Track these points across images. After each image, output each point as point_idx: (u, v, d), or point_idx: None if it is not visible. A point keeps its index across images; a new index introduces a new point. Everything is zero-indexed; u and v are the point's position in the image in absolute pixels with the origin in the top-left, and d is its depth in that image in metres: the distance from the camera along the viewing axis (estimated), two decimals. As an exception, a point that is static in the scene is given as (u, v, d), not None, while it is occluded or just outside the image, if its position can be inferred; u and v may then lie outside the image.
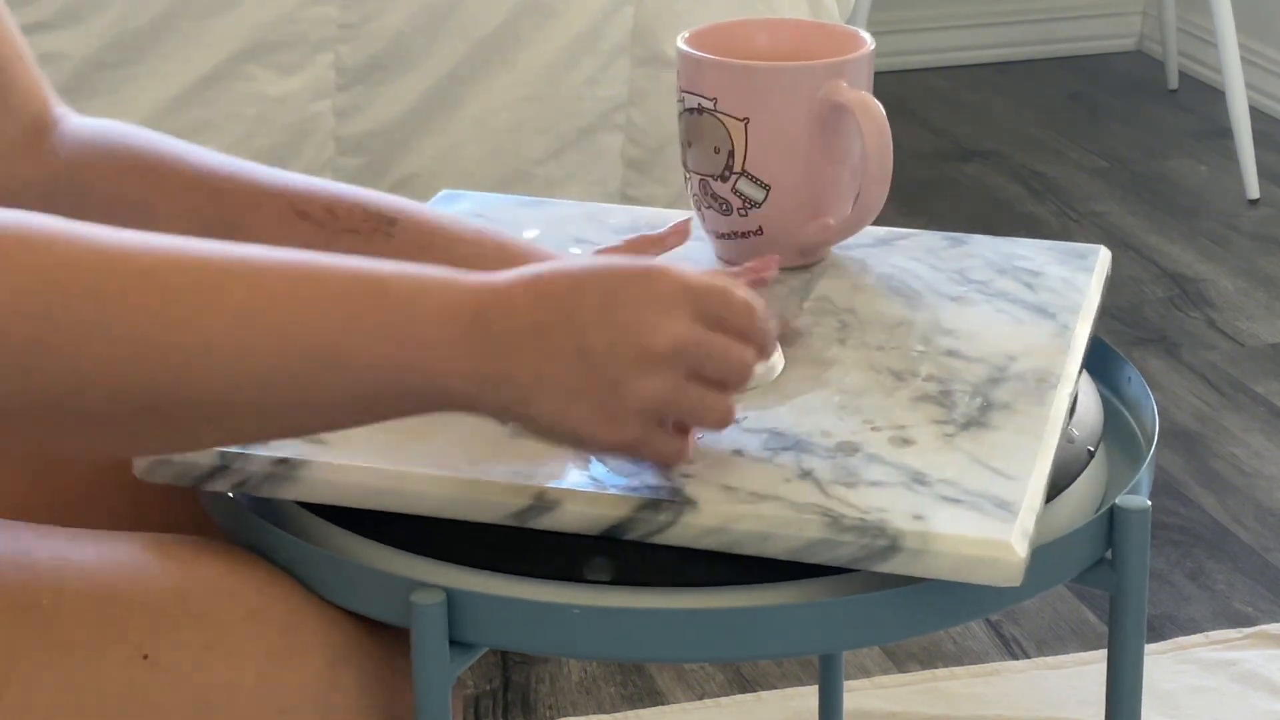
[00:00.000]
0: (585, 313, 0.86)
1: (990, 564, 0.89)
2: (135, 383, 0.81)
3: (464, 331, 0.84)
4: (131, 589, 0.93)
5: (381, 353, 0.83)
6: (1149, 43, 3.82)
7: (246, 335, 0.82)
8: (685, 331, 0.87)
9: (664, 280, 0.87)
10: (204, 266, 0.83)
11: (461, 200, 1.29)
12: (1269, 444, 2.34)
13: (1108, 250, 1.21)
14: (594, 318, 0.86)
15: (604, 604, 0.92)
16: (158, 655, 0.91)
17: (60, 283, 0.79)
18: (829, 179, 1.16)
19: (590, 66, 2.01)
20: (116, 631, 0.91)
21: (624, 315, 0.86)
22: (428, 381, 0.85)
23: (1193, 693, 1.85)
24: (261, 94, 1.96)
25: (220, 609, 0.94)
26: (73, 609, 0.91)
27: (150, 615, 0.92)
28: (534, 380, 0.85)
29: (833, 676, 1.46)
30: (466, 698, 1.85)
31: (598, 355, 0.86)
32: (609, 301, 0.86)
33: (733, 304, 0.89)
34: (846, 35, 1.19)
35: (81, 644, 0.90)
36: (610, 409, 0.87)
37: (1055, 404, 1.01)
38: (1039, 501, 0.93)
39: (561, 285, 0.86)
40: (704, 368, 0.88)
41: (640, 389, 0.87)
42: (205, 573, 0.95)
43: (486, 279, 0.86)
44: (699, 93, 1.15)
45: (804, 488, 0.93)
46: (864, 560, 0.90)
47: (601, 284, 0.86)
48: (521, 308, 0.85)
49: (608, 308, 0.86)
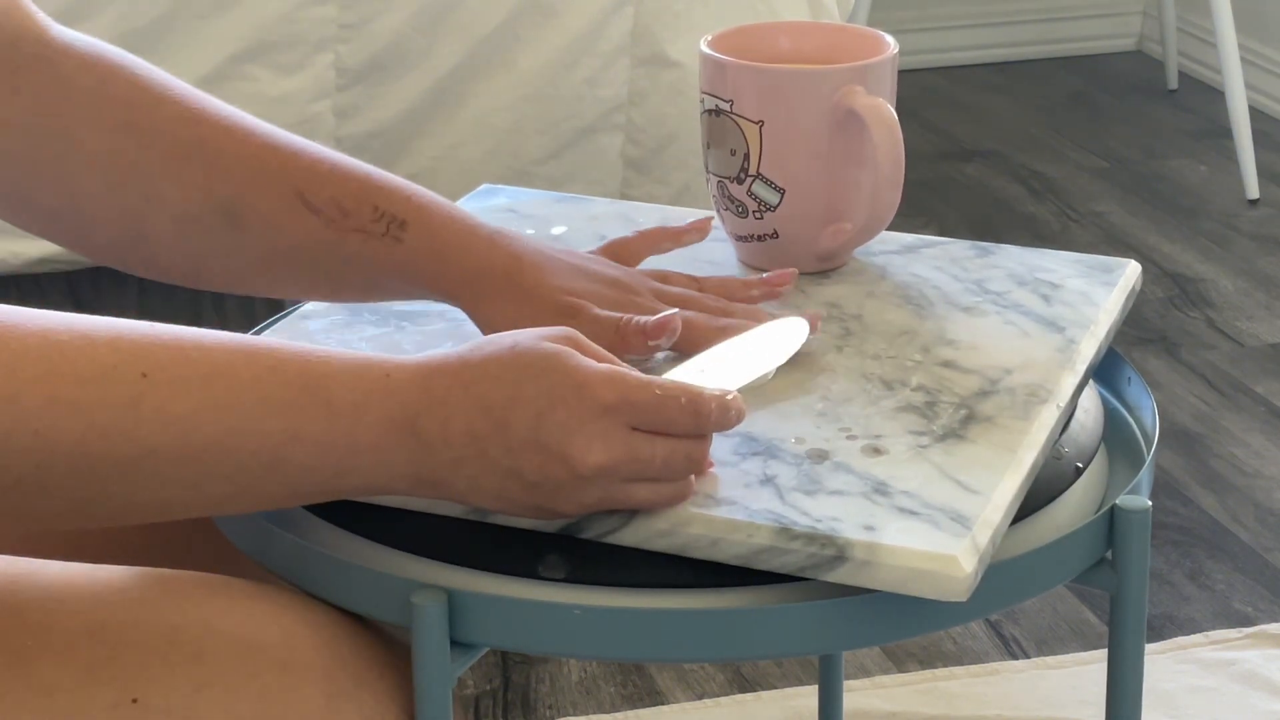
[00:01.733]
0: (518, 430, 0.87)
1: (935, 578, 0.88)
2: (70, 485, 0.84)
3: (401, 442, 0.88)
4: (121, 628, 0.91)
5: (321, 463, 0.88)
6: (1149, 43, 3.82)
7: (188, 450, 0.85)
8: (618, 452, 0.88)
9: (601, 392, 0.88)
10: (148, 376, 0.84)
11: (498, 195, 1.29)
12: (1269, 444, 2.34)
13: (1137, 265, 1.19)
14: (526, 437, 0.88)
15: (604, 604, 0.92)
16: (147, 698, 0.89)
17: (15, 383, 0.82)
18: (845, 184, 1.15)
19: (590, 66, 2.02)
20: (104, 674, 0.89)
21: (554, 438, 0.87)
22: (365, 484, 0.89)
23: (1193, 693, 1.85)
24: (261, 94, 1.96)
25: (213, 648, 0.91)
26: (58, 650, 0.89)
27: (140, 656, 0.90)
28: (469, 488, 0.89)
29: (833, 676, 1.46)
30: (466, 698, 1.85)
31: (529, 477, 0.88)
32: (541, 422, 0.87)
33: (670, 412, 0.89)
34: (870, 39, 1.18)
35: (66, 687, 0.88)
36: (550, 513, 0.90)
37: (1040, 419, 1.00)
38: (1000, 517, 0.92)
39: (498, 396, 0.88)
40: (642, 475, 0.90)
41: (573, 504, 0.90)
42: (200, 611, 0.93)
43: (426, 383, 0.88)
44: (717, 94, 1.15)
45: (763, 494, 0.93)
46: (811, 569, 0.90)
47: (537, 399, 0.87)
48: (457, 417, 0.88)
49: (540, 427, 0.87)
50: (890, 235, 1.21)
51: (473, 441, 0.88)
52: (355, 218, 1.05)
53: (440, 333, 1.10)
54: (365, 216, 1.05)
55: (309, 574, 0.96)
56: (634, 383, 0.88)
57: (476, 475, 0.89)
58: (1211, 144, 3.35)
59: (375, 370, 0.88)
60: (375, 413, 0.87)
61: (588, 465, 0.88)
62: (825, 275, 1.18)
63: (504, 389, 0.87)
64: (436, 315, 1.12)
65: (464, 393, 0.88)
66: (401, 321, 1.11)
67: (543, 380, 0.87)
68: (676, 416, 0.89)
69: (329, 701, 0.92)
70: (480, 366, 0.88)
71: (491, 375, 0.88)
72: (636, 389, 0.88)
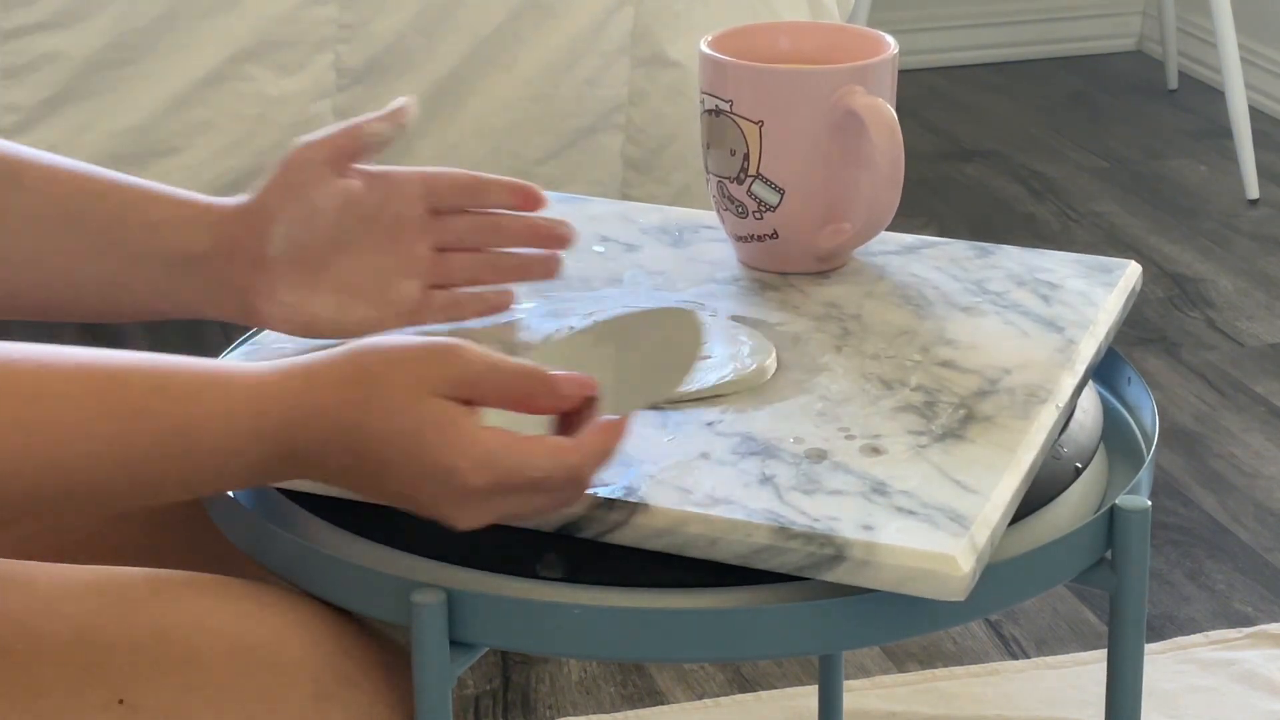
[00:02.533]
0: (392, 487, 0.88)
1: (933, 577, 0.88)
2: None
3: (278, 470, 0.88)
4: (110, 630, 0.91)
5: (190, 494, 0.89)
6: (1149, 43, 3.82)
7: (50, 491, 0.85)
8: (491, 518, 0.88)
9: (471, 479, 0.86)
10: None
11: None
12: (1269, 444, 2.34)
13: (1137, 265, 1.19)
14: (401, 493, 0.88)
15: (604, 604, 0.92)
16: (136, 700, 0.89)
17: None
18: (845, 184, 1.15)
19: (590, 66, 2.02)
20: (93, 675, 0.89)
21: (425, 504, 0.88)
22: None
23: (1193, 693, 1.85)
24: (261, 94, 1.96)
25: (203, 650, 0.91)
26: (48, 651, 0.89)
27: (129, 658, 0.90)
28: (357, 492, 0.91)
29: (833, 676, 1.46)
30: (466, 698, 1.85)
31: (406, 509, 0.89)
32: (412, 490, 0.87)
33: (550, 487, 0.88)
34: (870, 39, 1.18)
35: (55, 688, 0.88)
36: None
37: (1039, 419, 1.00)
38: (998, 517, 0.92)
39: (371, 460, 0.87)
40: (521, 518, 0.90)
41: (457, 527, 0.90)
42: (189, 611, 0.93)
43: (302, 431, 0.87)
44: (717, 94, 1.15)
45: (761, 493, 0.93)
46: (809, 568, 0.90)
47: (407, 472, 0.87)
48: (333, 460, 0.87)
49: (411, 492, 0.87)
50: (890, 235, 1.21)
51: (347, 476, 0.89)
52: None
53: (439, 332, 1.10)
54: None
55: (309, 574, 0.96)
56: (507, 465, 0.86)
57: (356, 491, 0.91)
58: (1211, 144, 3.35)
59: (247, 411, 0.87)
60: (248, 456, 0.87)
61: (459, 523, 0.88)
62: (825, 275, 1.18)
63: (376, 451, 0.87)
64: (436, 315, 1.12)
65: (341, 439, 0.87)
66: (401, 321, 1.11)
67: (415, 459, 0.86)
68: (553, 487, 0.88)
69: (317, 703, 0.92)
70: (358, 413, 0.86)
71: (368, 432, 0.86)
72: (509, 472, 0.86)
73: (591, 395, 0.90)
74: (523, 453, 0.86)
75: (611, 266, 1.19)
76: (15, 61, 1.90)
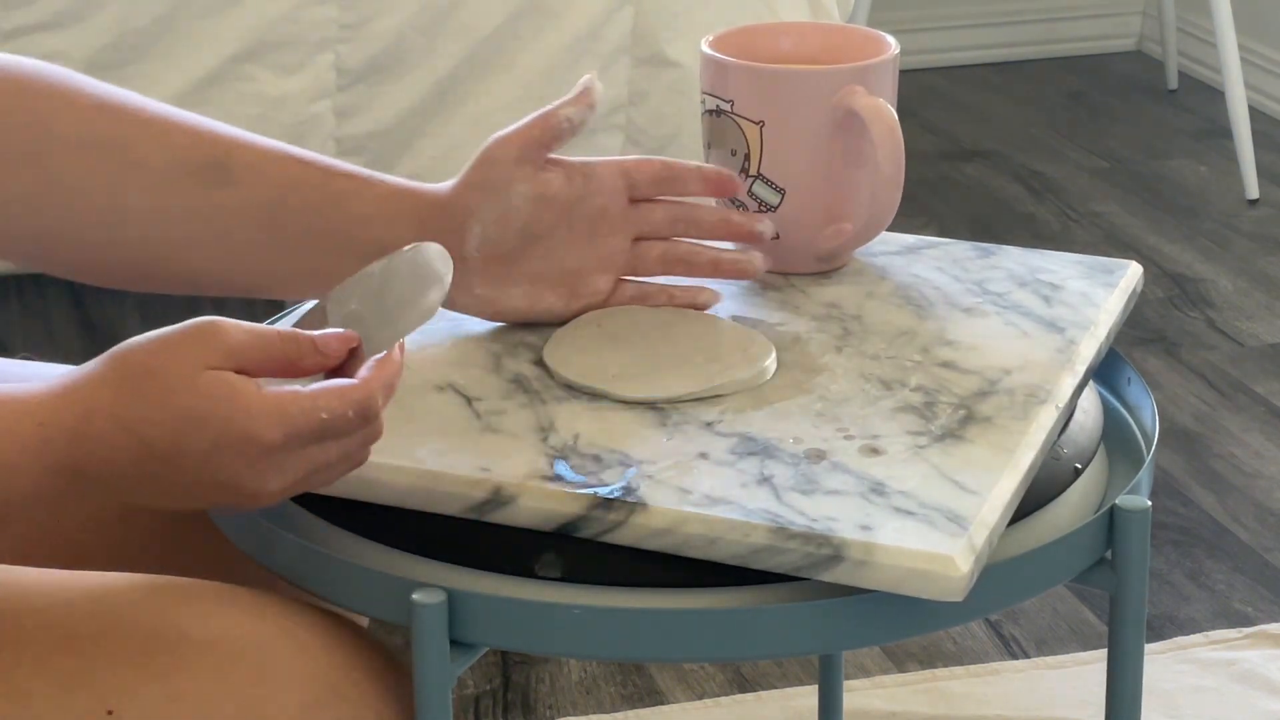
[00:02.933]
0: (188, 470, 0.86)
1: (931, 578, 0.88)
2: None
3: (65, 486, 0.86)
4: (96, 637, 0.90)
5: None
6: (1149, 43, 3.82)
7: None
8: (294, 475, 0.87)
9: (266, 435, 0.85)
10: None
11: None
12: (1269, 444, 2.34)
13: (1138, 266, 1.19)
14: (197, 477, 0.86)
15: (604, 604, 0.92)
16: (122, 707, 0.89)
17: None
18: (846, 184, 1.15)
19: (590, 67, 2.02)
20: (79, 682, 0.89)
21: (227, 477, 0.86)
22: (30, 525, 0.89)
23: (1193, 693, 1.85)
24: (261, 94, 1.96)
25: (189, 657, 0.91)
26: (34, 658, 0.89)
27: (115, 665, 0.90)
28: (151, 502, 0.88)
29: (833, 676, 1.46)
30: (466, 698, 1.85)
31: (209, 500, 0.88)
32: (209, 464, 0.86)
33: (338, 426, 0.87)
34: (871, 39, 1.18)
35: (41, 695, 0.88)
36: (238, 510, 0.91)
37: (1038, 420, 1.00)
38: (997, 517, 0.92)
39: (162, 443, 0.85)
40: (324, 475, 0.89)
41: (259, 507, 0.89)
42: (176, 618, 0.93)
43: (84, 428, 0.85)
44: (718, 95, 1.15)
45: (759, 493, 0.93)
46: (808, 568, 0.90)
47: (201, 448, 0.85)
48: (121, 457, 0.85)
49: (210, 469, 0.86)
50: (891, 236, 1.21)
51: (142, 476, 0.86)
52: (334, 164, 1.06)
53: (439, 332, 1.10)
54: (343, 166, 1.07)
55: (309, 574, 0.96)
56: (296, 413, 0.86)
57: (155, 496, 0.88)
58: (1211, 144, 3.35)
59: (26, 422, 0.85)
60: (31, 469, 0.85)
61: (265, 495, 0.87)
62: (825, 276, 1.18)
63: (166, 436, 0.85)
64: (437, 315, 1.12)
65: (126, 435, 0.85)
66: (401, 321, 1.11)
67: (206, 430, 0.85)
68: (347, 427, 0.87)
69: (305, 711, 0.92)
70: (137, 405, 0.85)
71: (152, 420, 0.85)
72: (301, 419, 0.86)
73: (354, 346, 0.91)
74: (309, 398, 0.86)
75: (611, 266, 1.19)
76: (15, 61, 1.90)
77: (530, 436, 0.98)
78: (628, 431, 0.99)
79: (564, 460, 0.96)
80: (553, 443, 0.98)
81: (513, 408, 1.01)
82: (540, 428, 0.99)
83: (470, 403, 1.02)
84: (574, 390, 1.03)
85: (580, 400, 1.02)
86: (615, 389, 1.02)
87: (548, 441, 0.98)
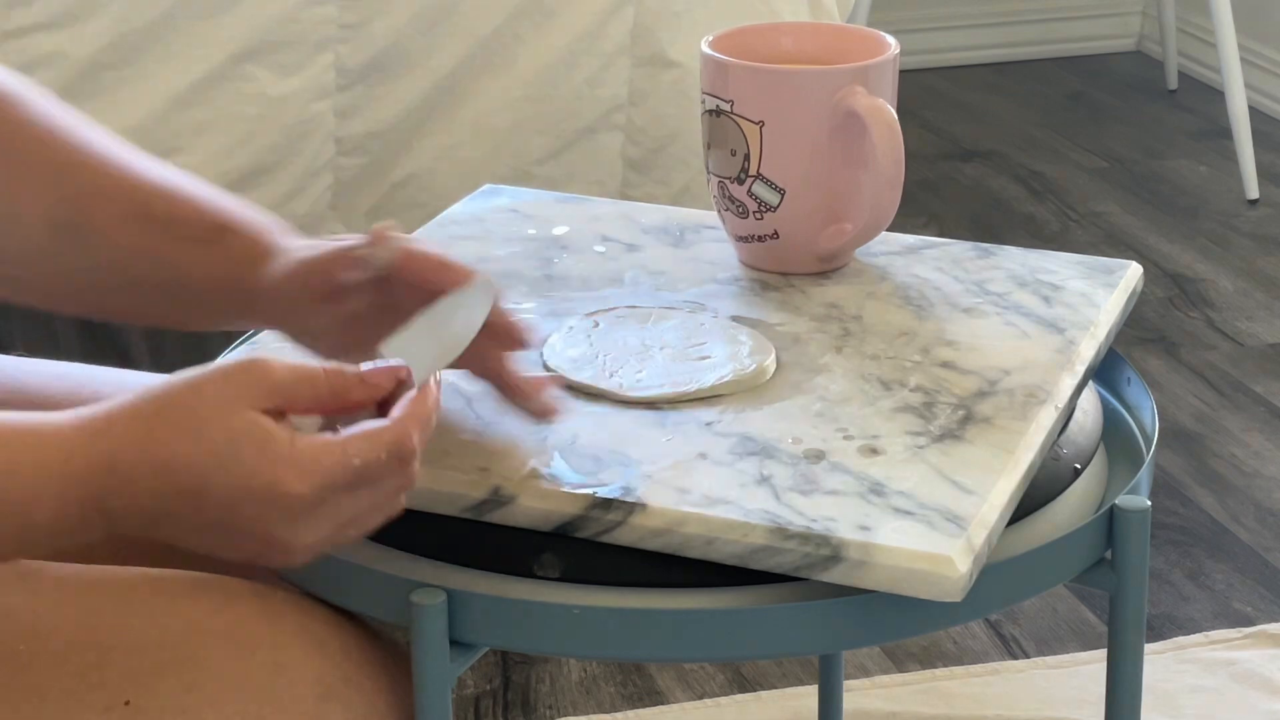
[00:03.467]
0: (213, 515, 0.83)
1: (929, 578, 0.88)
2: None
3: (85, 518, 0.84)
4: (113, 631, 0.90)
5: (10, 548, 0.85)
6: (1149, 43, 3.82)
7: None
8: (324, 531, 0.85)
9: (295, 487, 0.83)
10: None
11: (500, 196, 1.29)
12: (1269, 444, 2.34)
13: (1138, 266, 1.19)
14: (222, 522, 0.84)
15: (603, 604, 0.92)
16: (139, 701, 0.89)
17: None
18: (846, 184, 1.15)
19: (590, 66, 2.02)
20: (96, 677, 0.89)
21: (252, 529, 0.84)
22: (46, 552, 0.86)
23: (1192, 693, 1.85)
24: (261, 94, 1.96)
25: (205, 650, 0.91)
26: (50, 653, 0.89)
27: (131, 659, 0.90)
28: (171, 540, 0.85)
29: (833, 676, 1.46)
30: (466, 698, 1.86)
31: (232, 549, 0.85)
32: (236, 513, 0.83)
33: (373, 475, 0.85)
34: (871, 39, 1.18)
35: (58, 690, 0.88)
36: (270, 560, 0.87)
37: (1037, 420, 1.00)
38: (995, 517, 0.92)
39: (189, 483, 0.83)
40: (356, 528, 0.87)
41: (286, 565, 0.87)
42: (191, 612, 0.93)
43: (110, 463, 0.83)
44: (718, 95, 1.15)
45: (759, 493, 0.93)
46: (806, 569, 0.90)
47: (229, 493, 0.83)
48: (145, 497, 0.83)
49: (237, 517, 0.83)
50: (892, 236, 1.21)
51: (167, 514, 0.84)
52: (184, 227, 1.01)
53: (440, 333, 1.10)
54: (194, 225, 1.02)
55: (309, 573, 0.96)
56: (328, 466, 0.83)
57: (183, 536, 0.85)
58: (1211, 144, 3.35)
59: (53, 454, 0.83)
60: (54, 502, 0.83)
61: (297, 549, 0.85)
62: (826, 276, 1.18)
63: (193, 475, 0.83)
64: (436, 315, 1.12)
65: (153, 471, 0.83)
66: (401, 321, 1.11)
67: (231, 475, 0.82)
68: (381, 472, 0.85)
69: (319, 703, 0.92)
70: (169, 442, 0.83)
71: (180, 456, 0.83)
72: (332, 474, 0.83)
73: (402, 379, 0.88)
74: (340, 446, 0.84)
75: (612, 266, 1.19)
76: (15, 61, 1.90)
77: (530, 436, 0.98)
78: (627, 431, 0.99)
79: (563, 460, 0.96)
80: (552, 443, 0.98)
81: (512, 408, 1.01)
82: (539, 428, 0.99)
83: (470, 402, 1.02)
84: (574, 390, 1.03)
85: (580, 400, 1.02)
86: (615, 389, 1.02)
87: (547, 441, 0.98)
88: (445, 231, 1.24)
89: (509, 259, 1.20)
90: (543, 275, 1.17)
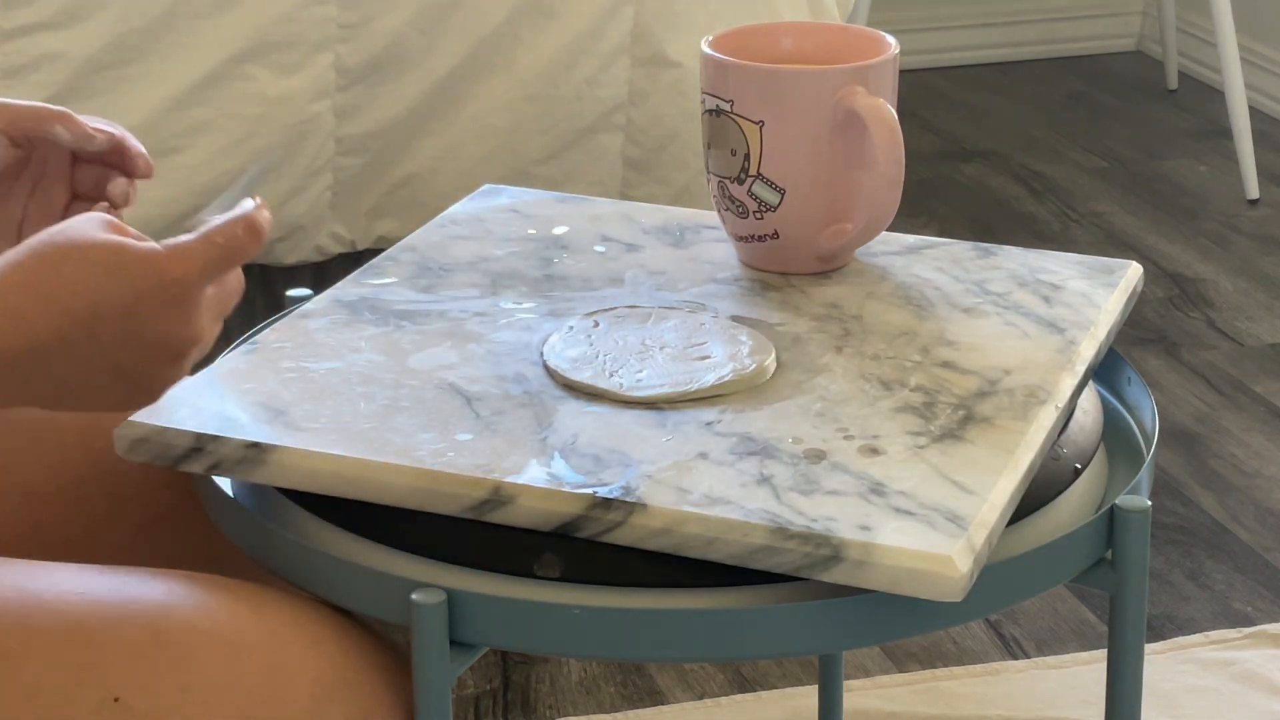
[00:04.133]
0: (109, 329, 0.88)
1: (929, 578, 0.88)
2: None
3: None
4: (105, 629, 0.90)
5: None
6: (1149, 43, 3.82)
7: None
8: (210, 315, 0.91)
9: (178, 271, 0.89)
10: None
11: (500, 195, 1.29)
12: (1269, 444, 2.34)
13: (1138, 266, 1.19)
14: (118, 335, 0.88)
15: (603, 604, 0.92)
16: (130, 699, 0.89)
17: None
18: (846, 184, 1.15)
19: (590, 66, 2.01)
20: (88, 675, 0.89)
21: (150, 329, 0.89)
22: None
23: (1192, 693, 1.85)
24: (261, 94, 1.96)
25: (198, 649, 0.91)
26: (42, 650, 0.89)
27: (124, 657, 0.89)
28: (55, 392, 0.89)
29: (833, 676, 1.47)
30: (466, 698, 1.85)
31: (126, 368, 0.90)
32: (131, 317, 0.88)
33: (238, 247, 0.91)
34: (871, 39, 1.18)
35: (50, 687, 0.88)
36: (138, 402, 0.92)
37: (1038, 420, 1.00)
38: (996, 517, 0.92)
39: (81, 304, 0.87)
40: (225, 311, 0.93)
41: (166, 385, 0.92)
42: (185, 611, 0.92)
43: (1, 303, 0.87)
44: (718, 94, 1.15)
45: (759, 493, 0.93)
46: (807, 569, 0.90)
47: (122, 298, 0.88)
48: (41, 329, 0.87)
49: (132, 323, 0.88)
50: (892, 236, 1.21)
51: (65, 347, 0.88)
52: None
53: (440, 332, 1.10)
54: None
55: (309, 574, 0.96)
56: (200, 249, 0.90)
57: (65, 377, 0.89)
58: (1211, 144, 3.35)
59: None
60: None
61: (186, 341, 0.90)
62: (826, 276, 1.18)
63: (84, 295, 0.88)
64: (437, 315, 1.12)
65: (44, 304, 0.88)
66: (401, 321, 1.11)
67: (121, 276, 0.88)
68: (244, 245, 0.91)
69: (315, 703, 0.92)
70: (52, 273, 0.88)
71: (67, 282, 0.88)
72: (202, 251, 0.90)
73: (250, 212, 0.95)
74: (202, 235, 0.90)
75: (612, 266, 1.19)
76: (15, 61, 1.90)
77: (530, 436, 0.98)
78: (627, 431, 0.99)
79: (563, 460, 0.96)
80: (552, 443, 0.98)
81: (512, 408, 1.01)
82: (540, 428, 0.99)
83: (470, 402, 1.02)
84: (574, 390, 1.03)
85: (580, 400, 1.02)
86: (615, 389, 1.02)
87: (547, 441, 0.98)
88: (445, 231, 1.24)
89: (509, 259, 1.20)
90: (543, 275, 1.17)
